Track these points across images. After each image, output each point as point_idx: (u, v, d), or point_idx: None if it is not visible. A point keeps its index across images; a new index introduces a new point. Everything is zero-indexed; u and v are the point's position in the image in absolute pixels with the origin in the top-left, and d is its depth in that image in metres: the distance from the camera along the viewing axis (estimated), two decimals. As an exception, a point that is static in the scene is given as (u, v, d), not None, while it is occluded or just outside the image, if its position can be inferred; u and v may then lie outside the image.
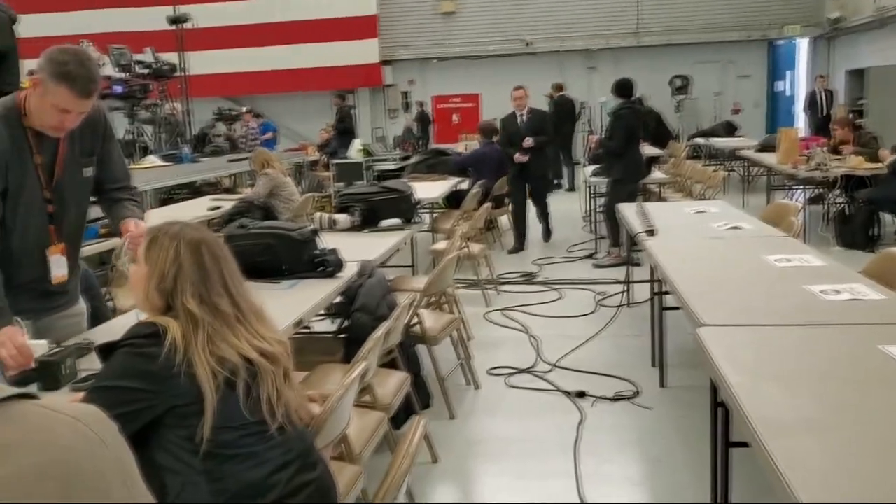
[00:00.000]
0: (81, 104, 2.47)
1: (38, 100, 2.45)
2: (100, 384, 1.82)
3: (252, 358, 1.82)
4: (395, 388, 3.29)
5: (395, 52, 18.14)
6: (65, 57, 2.40)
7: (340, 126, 14.51)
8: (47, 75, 2.40)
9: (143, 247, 1.93)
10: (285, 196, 7.40)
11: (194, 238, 1.91)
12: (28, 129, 2.52)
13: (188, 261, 1.87)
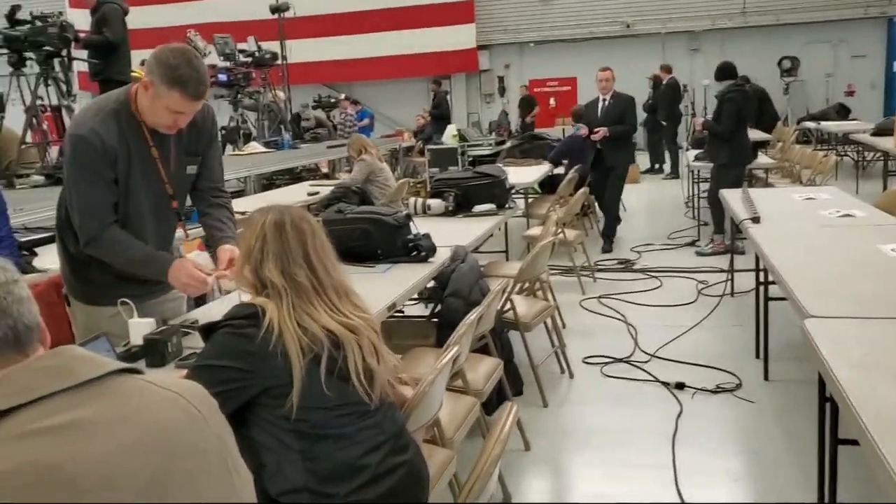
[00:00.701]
0: (194, 106, 2.53)
1: (149, 101, 2.50)
2: (200, 363, 1.88)
3: (333, 329, 1.84)
4: (487, 373, 3.28)
5: (491, 37, 18.03)
6: (175, 60, 2.42)
7: (436, 112, 14.56)
8: (159, 79, 2.43)
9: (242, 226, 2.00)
10: (381, 182, 7.48)
11: (279, 214, 1.97)
12: (142, 122, 2.59)
13: (271, 234, 1.92)
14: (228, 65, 11.25)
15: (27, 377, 1.07)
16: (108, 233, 2.59)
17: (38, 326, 1.16)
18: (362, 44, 17.20)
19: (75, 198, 2.59)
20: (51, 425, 1.02)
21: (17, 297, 1.13)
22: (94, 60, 7.42)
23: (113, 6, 7.46)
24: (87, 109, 2.69)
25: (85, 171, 2.54)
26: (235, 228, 2.90)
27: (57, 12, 7.39)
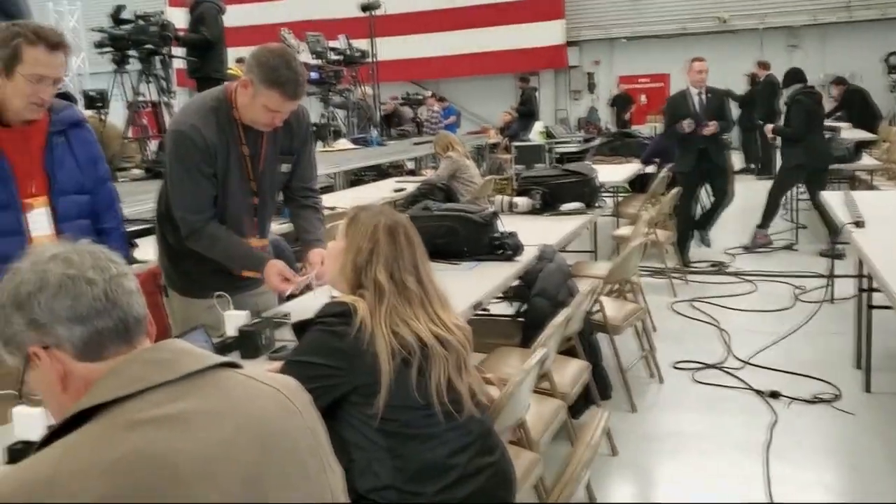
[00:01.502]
0: (290, 105, 2.60)
1: (248, 100, 2.57)
2: (293, 359, 1.91)
3: (426, 340, 1.83)
4: (574, 376, 3.22)
5: (581, 33, 17.80)
6: (275, 61, 2.49)
7: (523, 109, 14.48)
8: (258, 79, 2.50)
9: (343, 224, 2.01)
10: (466, 179, 7.47)
11: (392, 220, 1.99)
12: (237, 120, 2.66)
13: (384, 239, 1.94)
14: (320, 63, 11.43)
15: (135, 368, 1.10)
16: (209, 227, 2.68)
17: (145, 319, 1.18)
18: (450, 41, 17.23)
19: (177, 192, 2.68)
20: (156, 416, 1.04)
21: (126, 289, 1.15)
22: (192, 58, 7.66)
23: (210, 5, 7.68)
24: (187, 106, 2.77)
25: (186, 166, 2.62)
26: (324, 229, 2.95)
27: (158, 12, 7.65)
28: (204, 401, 1.10)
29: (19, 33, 2.32)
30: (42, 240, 2.44)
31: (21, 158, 2.43)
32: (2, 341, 1.15)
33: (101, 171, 2.67)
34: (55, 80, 2.40)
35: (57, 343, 1.12)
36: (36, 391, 1.20)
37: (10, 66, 2.32)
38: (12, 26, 2.37)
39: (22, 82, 2.33)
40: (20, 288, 1.12)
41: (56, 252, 1.15)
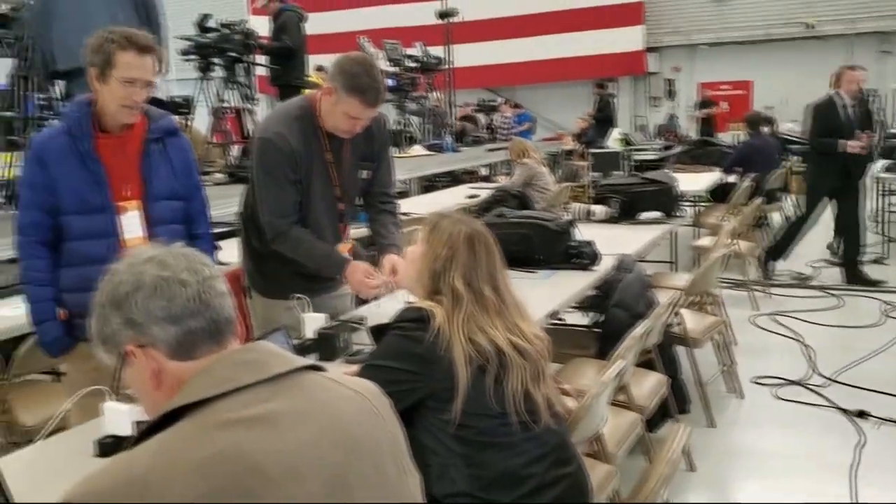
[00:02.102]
0: (370, 112, 2.65)
1: (330, 107, 2.64)
2: (371, 363, 1.93)
3: (503, 348, 1.82)
4: (651, 389, 3.16)
5: (660, 39, 17.50)
6: (356, 69, 2.56)
7: (599, 115, 14.31)
8: (340, 86, 2.56)
9: (423, 230, 2.02)
10: (541, 186, 7.43)
11: (472, 228, 2.00)
12: (321, 128, 2.73)
13: (463, 247, 1.94)
14: (396, 70, 11.56)
15: (226, 368, 1.13)
16: (293, 230, 2.74)
17: (234, 320, 1.21)
18: (526, 47, 17.17)
19: (263, 197, 2.74)
20: (246, 416, 1.06)
21: (217, 291, 1.19)
22: (274, 66, 7.83)
23: (292, 14, 7.84)
24: (273, 114, 2.85)
25: (271, 171, 2.69)
26: (401, 235, 2.97)
27: (241, 20, 7.86)
28: (291, 402, 1.11)
29: (112, 39, 2.42)
30: (134, 242, 2.53)
31: (117, 163, 2.52)
32: (100, 340, 1.20)
33: (194, 179, 2.75)
34: (146, 83, 2.48)
35: (152, 342, 1.15)
36: (130, 388, 1.23)
37: (105, 71, 2.42)
38: (106, 33, 2.47)
39: (116, 86, 2.42)
40: (118, 288, 1.16)
41: (152, 254, 1.19)
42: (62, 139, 2.49)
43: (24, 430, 3.22)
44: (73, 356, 2.60)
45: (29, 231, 2.51)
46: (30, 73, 6.11)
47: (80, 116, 2.49)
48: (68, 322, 2.55)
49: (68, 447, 2.01)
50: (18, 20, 6.47)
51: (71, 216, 2.49)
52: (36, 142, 2.56)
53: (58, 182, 2.46)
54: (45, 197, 2.48)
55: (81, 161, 2.47)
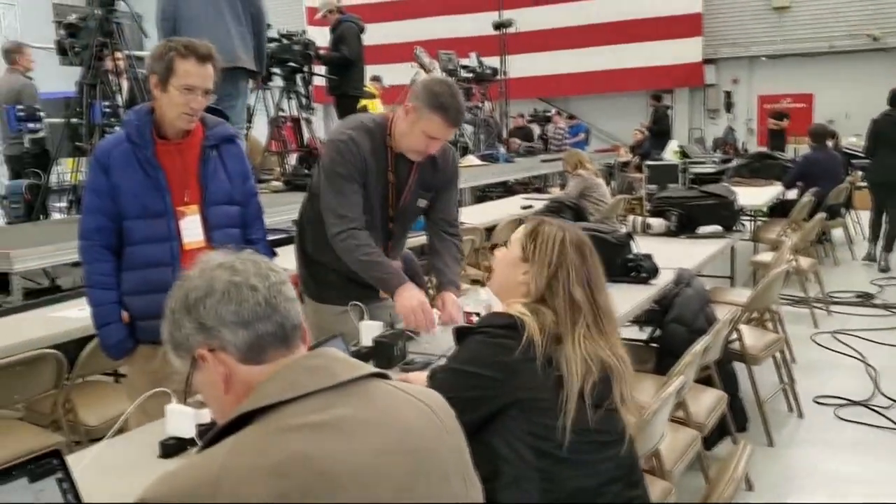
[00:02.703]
0: (449, 132, 2.68)
1: (408, 126, 2.66)
2: (451, 366, 1.89)
3: (605, 357, 1.79)
4: (710, 406, 3.10)
5: (719, 50, 17.23)
6: (440, 89, 2.61)
7: (655, 127, 14.17)
8: (423, 104, 2.60)
9: (521, 234, 1.97)
10: (596, 197, 7.36)
11: (577, 234, 1.93)
12: (390, 147, 2.75)
13: (573, 254, 1.87)
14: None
15: (295, 374, 1.14)
16: (358, 231, 2.72)
17: (301, 325, 1.22)
18: (581, 58, 17.06)
19: (330, 195, 2.72)
20: (315, 421, 1.07)
21: (286, 296, 1.20)
22: (332, 76, 7.93)
23: (350, 25, 7.94)
24: (348, 121, 2.88)
25: (341, 172, 2.70)
26: (460, 269, 2.96)
27: (301, 31, 7.98)
28: (358, 409, 1.12)
29: (172, 48, 2.49)
30: (193, 246, 2.59)
31: (176, 169, 2.58)
32: (172, 344, 1.22)
33: (249, 185, 2.80)
34: (205, 91, 2.54)
35: (222, 346, 1.17)
36: (199, 391, 1.25)
37: (166, 79, 2.48)
38: (167, 42, 2.54)
39: (175, 93, 2.48)
40: (190, 293, 1.18)
41: (223, 260, 1.21)
42: (124, 146, 2.56)
43: (86, 429, 3.31)
44: (134, 359, 2.66)
45: (92, 235, 2.58)
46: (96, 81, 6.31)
47: (141, 124, 2.56)
48: (130, 325, 2.61)
49: (132, 448, 2.05)
50: (86, 29, 6.69)
51: (132, 221, 2.56)
52: (99, 149, 2.64)
53: (120, 188, 2.53)
54: (108, 202, 2.54)
55: (142, 167, 2.54)
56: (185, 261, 2.56)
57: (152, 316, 2.54)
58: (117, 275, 2.60)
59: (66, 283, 5.41)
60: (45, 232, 5.45)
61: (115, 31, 6.03)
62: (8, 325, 3.66)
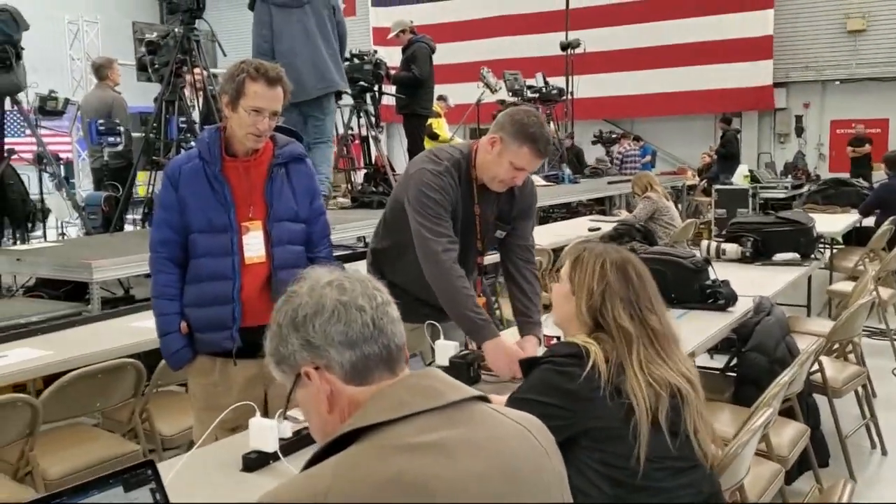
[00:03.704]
0: (536, 163, 2.66)
1: (494, 157, 2.63)
2: (520, 396, 1.88)
3: (674, 381, 1.75)
4: (792, 439, 3.00)
5: (790, 74, 16.88)
6: (528, 120, 2.59)
7: (723, 151, 13.93)
8: (510, 135, 2.57)
9: (566, 265, 1.97)
10: (665, 221, 7.26)
11: (619, 255, 1.92)
12: (473, 179, 2.73)
13: (615, 278, 1.86)
14: (516, 100, 11.61)
15: (401, 393, 1.13)
16: (450, 260, 2.63)
17: (405, 346, 1.22)
18: (648, 79, 16.90)
19: (421, 219, 2.64)
20: (421, 442, 1.06)
21: (391, 317, 1.20)
22: (402, 95, 8.00)
23: (422, 45, 8.01)
24: (434, 152, 2.82)
25: (436, 199, 2.64)
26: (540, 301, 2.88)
27: (372, 51, 8.08)
28: (463, 432, 1.11)
29: (244, 69, 2.54)
30: (255, 261, 2.63)
31: (243, 186, 2.63)
32: (276, 359, 1.22)
33: (317, 205, 2.82)
34: (273, 113, 2.58)
35: (328, 365, 1.17)
36: (301, 408, 1.25)
37: (236, 100, 2.54)
38: (239, 64, 2.60)
39: (244, 114, 2.53)
40: (299, 310, 1.19)
41: (331, 278, 1.21)
42: (194, 163, 2.62)
43: (162, 438, 3.37)
44: (192, 370, 2.70)
45: (159, 248, 2.65)
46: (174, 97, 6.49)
47: (211, 142, 2.62)
48: (189, 336, 2.65)
49: (215, 460, 2.06)
50: (166, 46, 6.89)
51: (197, 234, 2.61)
52: (170, 165, 2.71)
53: (187, 202, 2.59)
54: (175, 216, 2.60)
55: (209, 183, 2.59)
56: (246, 275, 2.61)
57: (211, 328, 2.63)
58: (180, 287, 2.65)
59: (139, 293, 5.55)
60: (121, 243, 5.61)
61: (194, 48, 6.19)
62: (88, 334, 3.77)
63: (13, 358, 3.25)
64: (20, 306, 4.68)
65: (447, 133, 10.88)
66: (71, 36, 13.39)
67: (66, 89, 8.69)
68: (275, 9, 5.54)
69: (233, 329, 2.57)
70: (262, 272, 2.62)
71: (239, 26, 17.19)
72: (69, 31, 13.36)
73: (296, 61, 5.41)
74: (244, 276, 2.59)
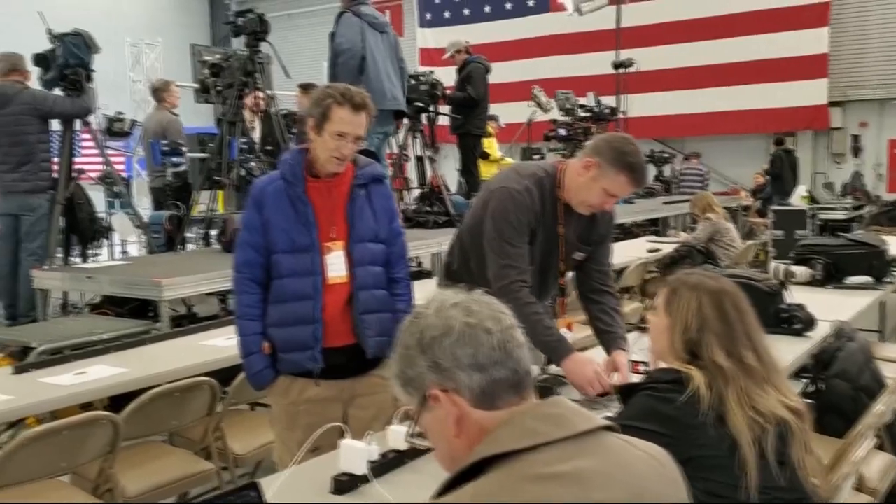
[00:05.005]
0: (630, 191, 2.65)
1: (587, 181, 2.60)
2: (619, 423, 1.84)
3: (781, 413, 1.70)
4: (881, 470, 2.89)
5: (846, 93, 16.56)
6: (628, 148, 2.56)
7: (777, 171, 13.70)
8: (607, 161, 2.54)
9: (662, 297, 1.94)
10: (726, 242, 7.15)
11: (715, 289, 1.88)
12: (559, 199, 2.70)
13: (711, 312, 1.84)
14: (568, 120, 11.58)
15: (531, 421, 1.12)
16: (523, 291, 2.62)
17: (531, 372, 1.20)
18: (701, 98, 16.68)
19: (496, 246, 2.67)
20: (556, 472, 1.05)
21: (518, 342, 1.18)
22: (457, 115, 8.03)
23: (478, 65, 8.05)
24: (515, 169, 2.84)
25: (511, 223, 2.65)
26: (623, 320, 2.86)
27: (429, 71, 8.13)
28: (597, 462, 1.09)
29: (330, 94, 2.56)
30: (337, 281, 2.64)
31: (325, 206, 2.65)
32: (402, 381, 1.21)
33: (395, 226, 2.83)
34: (357, 138, 2.60)
35: (456, 388, 1.16)
36: (426, 431, 1.23)
37: (321, 124, 2.56)
38: (326, 88, 2.63)
39: (328, 138, 2.56)
40: (426, 332, 1.17)
41: (457, 300, 1.20)
42: (277, 184, 2.65)
43: (234, 457, 3.38)
44: (274, 390, 2.71)
45: (243, 268, 2.68)
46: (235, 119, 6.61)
47: (294, 163, 2.65)
48: (272, 356, 2.66)
49: (303, 482, 2.05)
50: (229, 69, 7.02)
51: (280, 255, 2.63)
52: (255, 186, 2.74)
53: (270, 223, 2.62)
54: (258, 237, 2.63)
55: (293, 204, 2.62)
56: (328, 295, 2.62)
57: (294, 348, 2.64)
58: (262, 307, 2.67)
59: (201, 310, 5.63)
60: (185, 262, 5.70)
61: (258, 70, 6.30)
62: (159, 351, 3.82)
63: (91, 375, 3.30)
64: (90, 323, 4.77)
65: (498, 153, 10.89)
66: (132, 58, 13.75)
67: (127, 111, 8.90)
68: (367, 26, 6.02)
69: (315, 350, 2.58)
70: (344, 292, 2.63)
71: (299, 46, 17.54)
72: (130, 54, 13.72)
73: (381, 75, 6.03)
74: (326, 296, 2.61)
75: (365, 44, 5.93)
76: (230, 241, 5.63)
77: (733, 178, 16.59)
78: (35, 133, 5.41)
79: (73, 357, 3.64)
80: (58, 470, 2.83)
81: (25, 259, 5.36)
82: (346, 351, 2.64)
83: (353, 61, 5.82)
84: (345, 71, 5.74)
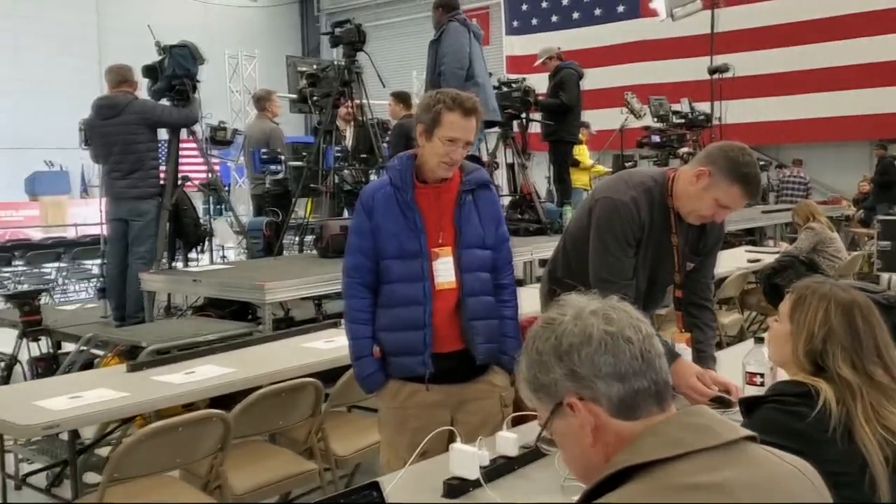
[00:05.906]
0: (741, 204, 2.54)
1: (698, 190, 2.51)
2: None
3: None
4: None
5: (956, 97, 15.73)
6: (744, 158, 2.45)
7: (881, 179, 13.13)
8: (721, 171, 2.45)
9: (787, 303, 1.88)
10: (830, 253, 6.88)
11: (845, 300, 1.80)
12: (671, 208, 2.62)
13: (839, 323, 1.77)
14: (662, 126, 11.37)
15: (675, 431, 1.09)
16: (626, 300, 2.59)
17: (670, 382, 1.17)
18: (800, 104, 16.12)
19: (600, 258, 2.64)
20: (702, 482, 1.03)
21: (657, 351, 1.16)
22: (549, 122, 7.98)
23: (570, 71, 7.98)
24: (623, 178, 2.78)
25: (616, 234, 2.60)
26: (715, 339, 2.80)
27: (521, 78, 8.11)
28: (743, 473, 1.07)
29: (441, 100, 2.56)
30: (445, 286, 2.64)
31: (433, 212, 2.66)
32: (534, 387, 1.20)
33: (502, 232, 2.82)
34: (466, 143, 2.60)
35: (594, 397, 1.14)
36: (558, 438, 1.22)
37: (431, 129, 2.56)
38: (436, 94, 2.63)
39: (438, 144, 2.56)
40: (563, 339, 1.16)
41: (595, 307, 1.18)
42: (386, 189, 2.67)
43: (336, 457, 3.44)
44: (383, 393, 2.73)
45: (352, 273, 2.70)
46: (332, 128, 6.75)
47: (403, 169, 2.66)
48: (382, 359, 2.69)
49: (414, 486, 2.07)
50: (326, 79, 7.18)
51: (390, 260, 2.65)
52: (364, 193, 2.77)
53: (380, 229, 2.64)
54: (368, 242, 2.65)
55: (401, 210, 2.63)
56: (437, 301, 2.63)
57: (404, 352, 2.65)
58: (372, 311, 2.69)
59: (298, 314, 5.76)
60: (285, 266, 5.84)
61: (354, 79, 6.41)
62: (263, 353, 3.93)
63: (200, 374, 3.42)
64: (196, 325, 4.94)
65: (589, 160, 10.78)
66: (230, 70, 14.23)
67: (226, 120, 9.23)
68: (473, 38, 6.23)
69: (424, 354, 2.60)
70: (453, 298, 2.64)
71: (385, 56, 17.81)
72: (229, 66, 14.21)
73: (486, 84, 6.34)
74: (435, 302, 2.61)
75: (471, 51, 6.09)
76: (326, 246, 5.76)
77: (832, 187, 15.97)
78: (145, 142, 5.63)
79: (181, 357, 3.78)
80: (172, 465, 2.93)
81: (134, 262, 5.57)
82: (454, 356, 2.65)
83: (461, 70, 5.94)
84: (453, 78, 5.80)
